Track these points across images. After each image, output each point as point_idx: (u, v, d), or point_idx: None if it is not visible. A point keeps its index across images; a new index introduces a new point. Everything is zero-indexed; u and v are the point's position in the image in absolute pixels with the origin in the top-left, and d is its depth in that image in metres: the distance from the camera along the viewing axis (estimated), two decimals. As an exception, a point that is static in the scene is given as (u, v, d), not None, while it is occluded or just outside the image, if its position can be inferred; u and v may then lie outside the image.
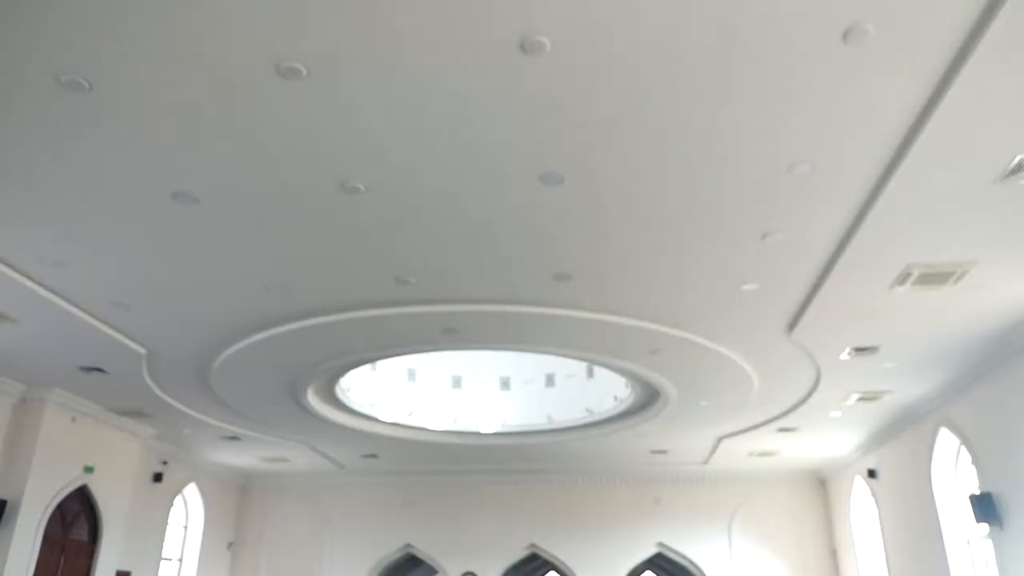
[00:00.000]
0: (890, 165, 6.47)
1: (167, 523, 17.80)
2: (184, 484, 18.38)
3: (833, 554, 19.08)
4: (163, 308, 9.72)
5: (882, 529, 16.14)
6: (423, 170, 6.61)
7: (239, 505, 20.83)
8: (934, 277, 8.48)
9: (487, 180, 6.77)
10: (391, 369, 15.93)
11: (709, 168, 6.55)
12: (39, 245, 8.02)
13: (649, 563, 21.68)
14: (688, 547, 19.35)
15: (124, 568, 15.56)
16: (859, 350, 10.83)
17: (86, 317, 9.83)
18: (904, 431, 14.57)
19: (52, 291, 9.11)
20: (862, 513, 17.61)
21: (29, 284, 8.82)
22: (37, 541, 12.84)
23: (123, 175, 6.67)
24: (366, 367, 14.30)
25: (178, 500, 18.41)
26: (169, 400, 13.52)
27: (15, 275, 8.61)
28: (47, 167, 6.55)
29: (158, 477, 16.88)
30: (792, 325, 10.00)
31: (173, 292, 9.23)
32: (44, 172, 6.63)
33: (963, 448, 12.81)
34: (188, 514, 19.17)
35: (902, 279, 8.52)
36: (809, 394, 12.83)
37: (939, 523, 13.40)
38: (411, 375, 16.51)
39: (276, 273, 8.73)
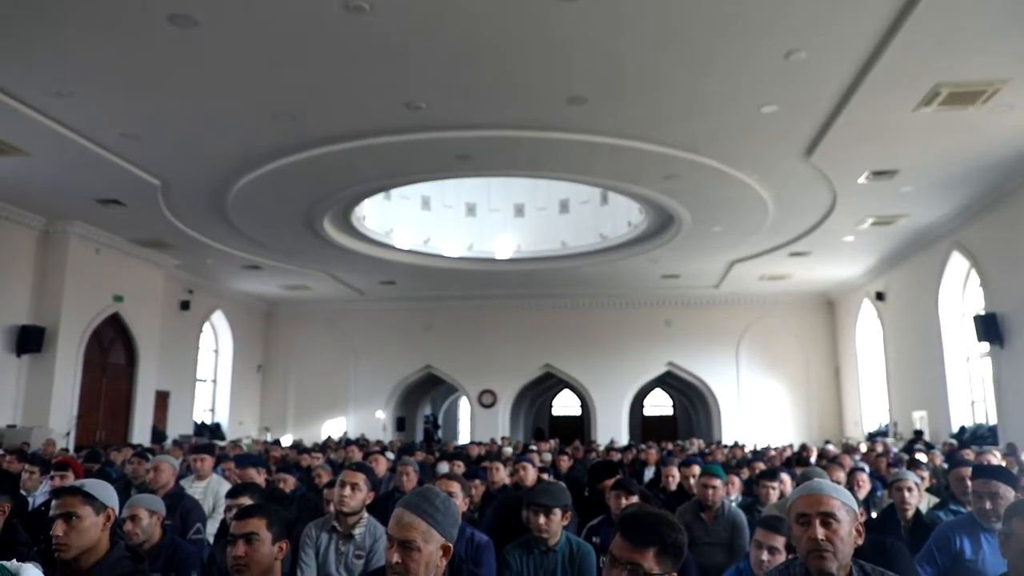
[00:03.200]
0: (928, -27, 6.04)
1: (198, 347, 18.72)
2: (211, 311, 19.11)
3: (836, 372, 19.91)
4: (172, 138, 9.63)
5: (885, 348, 16.70)
6: (430, -14, 6.26)
7: (265, 330, 21.74)
8: (963, 97, 8.17)
9: (497, -4, 6.41)
10: (405, 197, 15.95)
11: (733, -21, 6.15)
12: (40, 75, 7.81)
13: (659, 381, 22.79)
14: (697, 366, 20.21)
15: (163, 388, 16.56)
16: (877, 174, 10.68)
17: (96, 148, 9.77)
18: (915, 254, 14.68)
19: (59, 122, 9.00)
20: (867, 334, 18.16)
21: (36, 116, 8.71)
22: (79, 365, 13.61)
23: (117, -3, 6.37)
24: (380, 196, 14.33)
25: (207, 327, 19.23)
26: (188, 231, 13.74)
27: (20, 106, 8.47)
28: (37, -11, 6.26)
29: (185, 305, 17.53)
30: (811, 149, 9.80)
31: (181, 122, 9.09)
32: (35, -5, 6.35)
33: (972, 271, 12.96)
34: (217, 339, 20.10)
35: (929, 99, 8.22)
36: (824, 219, 12.82)
37: (941, 342, 13.83)
38: (425, 203, 16.55)
39: (282, 101, 8.53)
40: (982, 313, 12.06)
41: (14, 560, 1.45)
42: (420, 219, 16.44)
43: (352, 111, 8.83)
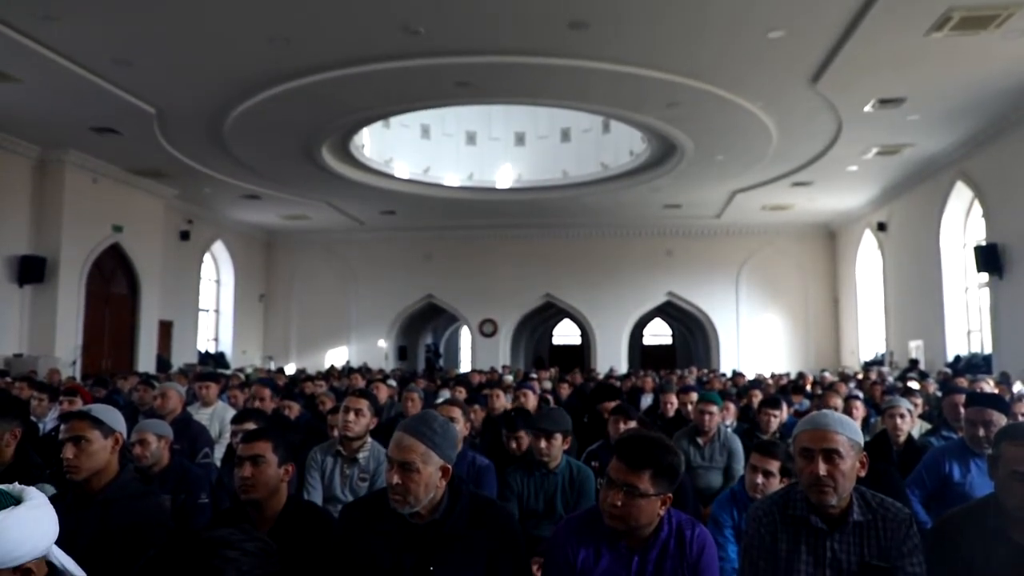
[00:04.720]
0: None
1: (199, 277, 18.77)
2: (211, 241, 19.08)
3: (835, 302, 20.01)
4: (166, 64, 9.42)
5: (884, 278, 16.75)
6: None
7: (267, 260, 21.76)
8: (975, 21, 7.96)
9: (498, -86, 6.19)
10: (405, 126, 15.74)
11: None
12: (27, -3, 7.62)
13: (659, 310, 22.94)
14: (697, 296, 20.31)
15: (166, 318, 16.68)
16: (884, 102, 10.50)
17: (88, 75, 9.57)
18: (919, 185, 14.56)
19: (48, 47, 8.79)
20: (867, 264, 18.19)
21: (24, 40, 8.49)
22: (81, 295, 13.67)
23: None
24: (379, 124, 14.13)
25: (207, 257, 19.24)
26: (185, 159, 13.59)
27: (7, 30, 8.26)
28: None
29: (185, 235, 17.49)
30: (817, 76, 9.61)
31: (173, 46, 8.88)
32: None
33: (975, 201, 12.88)
34: (219, 269, 20.14)
35: (940, 24, 8.01)
36: (828, 148, 12.66)
37: (941, 272, 13.87)
38: (425, 131, 16.34)
39: (278, 24, 8.31)
40: (983, 243, 12.05)
41: (16, 483, 1.48)
42: (420, 148, 16.25)
43: (348, 35, 8.62)
